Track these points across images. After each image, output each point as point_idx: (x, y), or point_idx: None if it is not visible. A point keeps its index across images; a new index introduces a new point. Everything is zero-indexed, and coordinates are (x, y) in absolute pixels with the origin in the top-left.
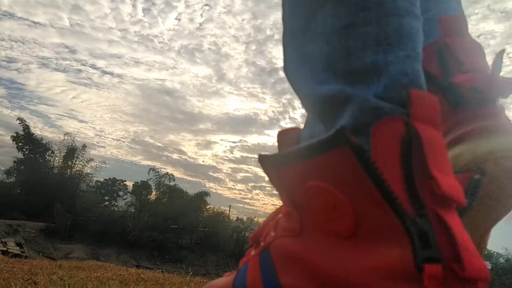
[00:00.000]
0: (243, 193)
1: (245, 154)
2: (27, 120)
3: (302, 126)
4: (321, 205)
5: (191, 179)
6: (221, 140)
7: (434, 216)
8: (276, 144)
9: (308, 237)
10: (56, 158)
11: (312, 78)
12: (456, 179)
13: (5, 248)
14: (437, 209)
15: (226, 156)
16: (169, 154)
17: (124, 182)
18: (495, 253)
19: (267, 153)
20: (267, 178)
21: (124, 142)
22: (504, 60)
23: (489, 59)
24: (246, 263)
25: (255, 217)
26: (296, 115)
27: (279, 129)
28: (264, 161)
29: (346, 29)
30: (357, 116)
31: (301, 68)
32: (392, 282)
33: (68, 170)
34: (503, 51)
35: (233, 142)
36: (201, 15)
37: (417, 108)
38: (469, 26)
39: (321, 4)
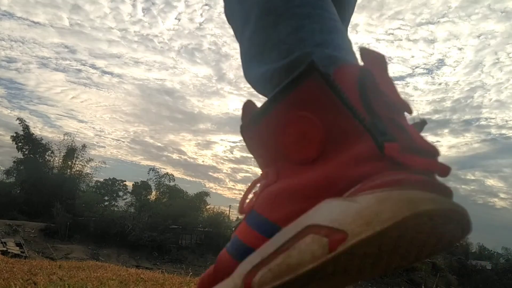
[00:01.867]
0: (243, 193)
1: (245, 154)
2: (26, 120)
3: None
4: (295, 135)
5: (191, 179)
6: (221, 140)
7: (388, 120)
8: None
9: (283, 179)
10: (56, 158)
11: (273, 60)
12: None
13: (5, 248)
14: (389, 115)
15: (226, 156)
16: (169, 154)
17: (124, 182)
18: (495, 254)
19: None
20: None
21: (124, 142)
22: (504, 60)
23: (489, 59)
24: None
25: None
26: None
27: None
28: (244, 129)
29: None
30: (317, 62)
31: (256, 57)
32: (363, 165)
33: (68, 170)
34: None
35: (233, 142)
36: (201, 15)
37: (368, 59)
38: (470, 26)
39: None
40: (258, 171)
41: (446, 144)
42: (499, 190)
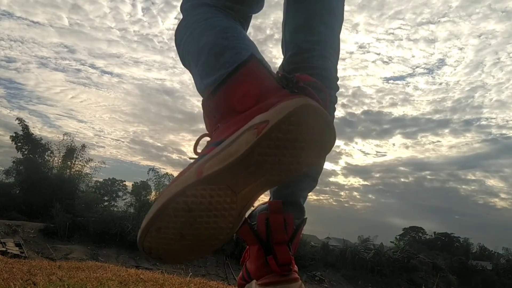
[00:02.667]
0: None
1: None
2: (26, 120)
3: None
4: (242, 94)
5: None
6: None
7: (296, 82)
8: None
9: (232, 118)
10: (56, 158)
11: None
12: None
13: (4, 249)
14: (298, 82)
15: None
16: (168, 154)
17: (124, 183)
18: (496, 254)
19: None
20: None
21: (123, 142)
22: (505, 60)
23: (490, 59)
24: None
25: None
26: None
27: None
28: (203, 103)
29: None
30: None
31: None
32: (284, 96)
33: (68, 170)
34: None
35: None
36: None
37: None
38: (470, 26)
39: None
40: None
41: (447, 144)
42: (500, 190)
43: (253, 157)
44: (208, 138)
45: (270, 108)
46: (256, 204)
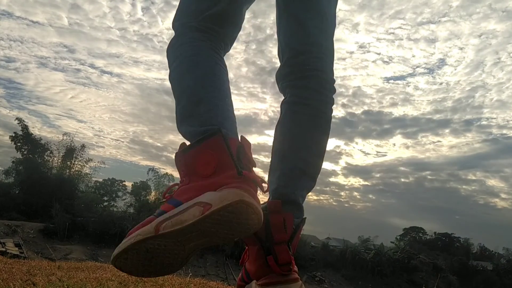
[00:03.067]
0: None
1: None
2: (25, 120)
3: None
4: (204, 162)
5: None
6: None
7: (245, 164)
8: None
9: (193, 182)
10: (55, 158)
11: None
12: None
13: (3, 249)
14: (246, 163)
15: None
16: (168, 154)
17: (123, 183)
18: (496, 254)
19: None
20: (267, 179)
21: (123, 142)
22: (505, 60)
23: (490, 59)
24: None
25: None
26: None
27: None
28: (177, 155)
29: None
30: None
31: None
32: (234, 179)
33: (67, 170)
34: None
35: None
36: None
37: (244, 140)
38: (470, 25)
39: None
40: (258, 171)
41: (447, 144)
42: (500, 191)
43: (196, 228)
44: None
45: (219, 187)
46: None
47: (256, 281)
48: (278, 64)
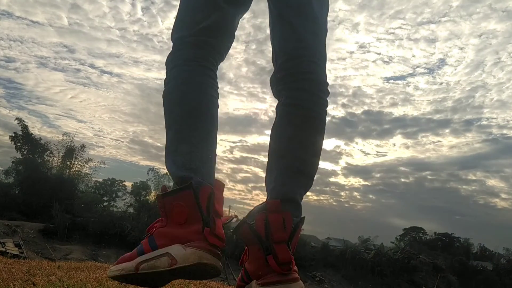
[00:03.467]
0: (243, 193)
1: (245, 154)
2: (25, 120)
3: None
4: (177, 212)
5: None
6: (221, 140)
7: (212, 217)
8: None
9: (169, 226)
10: (55, 158)
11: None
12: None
13: (3, 249)
14: (213, 215)
15: (226, 156)
16: None
17: (123, 183)
18: (496, 254)
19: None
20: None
21: (123, 142)
22: (505, 60)
23: (490, 59)
24: (141, 243)
25: None
26: None
27: None
28: (158, 197)
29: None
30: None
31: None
32: (195, 235)
33: (67, 170)
34: None
35: (233, 142)
36: None
37: (217, 184)
38: (471, 25)
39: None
40: (258, 171)
41: (447, 144)
42: (501, 191)
43: (166, 272)
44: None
45: (187, 241)
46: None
47: (256, 281)
48: None
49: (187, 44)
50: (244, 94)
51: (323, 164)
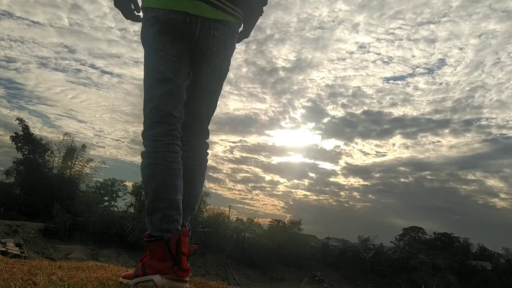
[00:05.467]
0: (243, 193)
1: (245, 154)
2: (26, 120)
3: (302, 126)
4: (156, 252)
5: None
6: (221, 140)
7: (181, 258)
8: (275, 144)
9: (153, 260)
10: (56, 158)
11: None
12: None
13: (4, 249)
14: (181, 255)
15: (226, 156)
16: None
17: (124, 183)
18: (495, 254)
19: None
20: (267, 179)
21: (123, 142)
22: (505, 60)
23: (490, 59)
24: (137, 267)
25: (255, 217)
26: (296, 115)
27: (279, 129)
28: (145, 240)
29: None
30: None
31: None
32: (170, 270)
33: (68, 171)
34: None
35: (233, 142)
36: None
37: (183, 231)
38: (470, 26)
39: None
40: (258, 171)
41: (447, 144)
42: (500, 190)
43: None
44: None
45: (165, 273)
46: None
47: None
48: (278, 64)
49: (156, 124)
50: (244, 95)
51: (323, 164)
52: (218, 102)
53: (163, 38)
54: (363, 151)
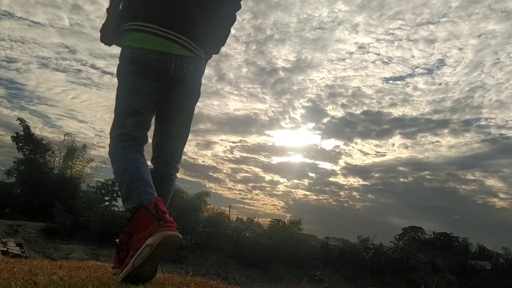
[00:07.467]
0: (243, 193)
1: (245, 154)
2: (27, 120)
3: (302, 126)
4: (140, 223)
5: (191, 179)
6: (221, 140)
7: (162, 216)
8: (275, 144)
9: (137, 235)
10: (56, 159)
11: None
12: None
13: (5, 249)
14: (162, 214)
15: (226, 156)
16: None
17: None
18: (495, 254)
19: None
20: (267, 179)
21: None
22: (504, 60)
23: (489, 59)
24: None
25: (255, 217)
26: (296, 115)
27: (279, 129)
28: (126, 225)
29: None
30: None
31: None
32: (157, 227)
33: (68, 170)
34: None
35: (233, 142)
36: None
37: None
38: (470, 26)
39: None
40: (258, 171)
41: (446, 144)
42: (499, 190)
43: (152, 255)
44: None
45: (152, 233)
46: None
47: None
48: (278, 64)
49: (122, 142)
50: (244, 95)
51: (322, 164)
52: (217, 102)
53: (138, 77)
54: (363, 151)
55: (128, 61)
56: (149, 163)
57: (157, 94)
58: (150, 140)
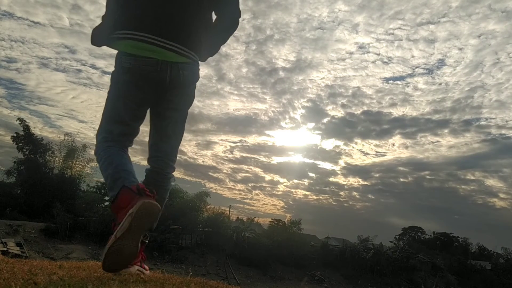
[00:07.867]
0: (243, 193)
1: (245, 154)
2: (27, 120)
3: (302, 126)
4: (122, 201)
5: (191, 179)
6: (221, 140)
7: (145, 190)
8: (275, 144)
9: (120, 213)
10: (56, 159)
11: None
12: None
13: (5, 249)
14: (146, 190)
15: (226, 156)
16: None
17: None
18: (495, 254)
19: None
20: (267, 178)
21: None
22: (504, 60)
23: (489, 59)
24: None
25: (255, 217)
26: (296, 115)
27: (279, 129)
28: (111, 206)
29: None
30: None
31: None
32: (136, 200)
33: (69, 170)
34: None
35: (233, 142)
36: None
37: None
38: (470, 26)
39: None
40: (258, 171)
41: (446, 144)
42: (499, 190)
43: (133, 224)
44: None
45: (133, 206)
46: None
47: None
48: (278, 64)
49: (107, 143)
50: (244, 95)
51: (322, 164)
52: (217, 102)
53: (131, 88)
54: (363, 151)
55: (124, 70)
56: (145, 162)
57: (149, 105)
58: (146, 140)
